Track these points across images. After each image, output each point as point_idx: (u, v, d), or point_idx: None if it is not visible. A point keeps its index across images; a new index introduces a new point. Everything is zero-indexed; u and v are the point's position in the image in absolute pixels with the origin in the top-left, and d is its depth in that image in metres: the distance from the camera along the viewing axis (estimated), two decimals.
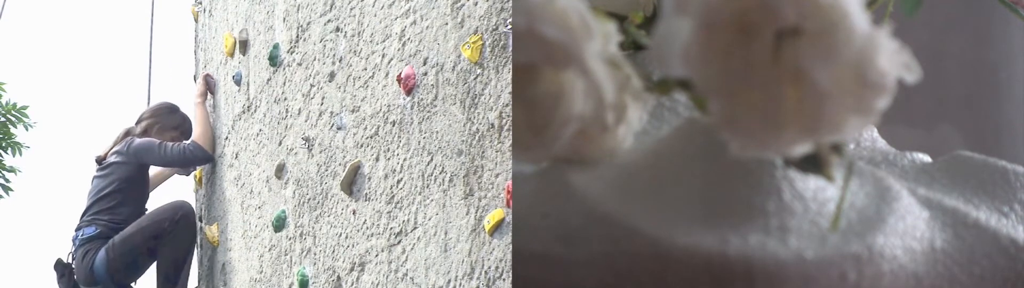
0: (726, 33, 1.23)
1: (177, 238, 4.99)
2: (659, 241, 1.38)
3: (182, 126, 5.26)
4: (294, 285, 3.69)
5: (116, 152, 5.08)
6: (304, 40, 3.69)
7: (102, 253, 4.94)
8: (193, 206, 5.12)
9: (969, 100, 2.66)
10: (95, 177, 5.11)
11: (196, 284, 5.11)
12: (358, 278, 3.21)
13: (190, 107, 5.16)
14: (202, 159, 4.96)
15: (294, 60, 3.78)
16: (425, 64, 2.85)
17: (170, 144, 5.00)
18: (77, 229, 5.06)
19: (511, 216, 2.35)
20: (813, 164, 1.36)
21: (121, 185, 5.04)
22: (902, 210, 1.45)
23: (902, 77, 1.24)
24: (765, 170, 1.41)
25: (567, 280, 1.41)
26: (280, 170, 3.91)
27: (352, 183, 3.27)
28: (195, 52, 5.41)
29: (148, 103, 6.31)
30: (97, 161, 5.13)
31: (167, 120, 5.25)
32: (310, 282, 3.58)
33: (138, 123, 5.26)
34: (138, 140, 5.06)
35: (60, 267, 5.07)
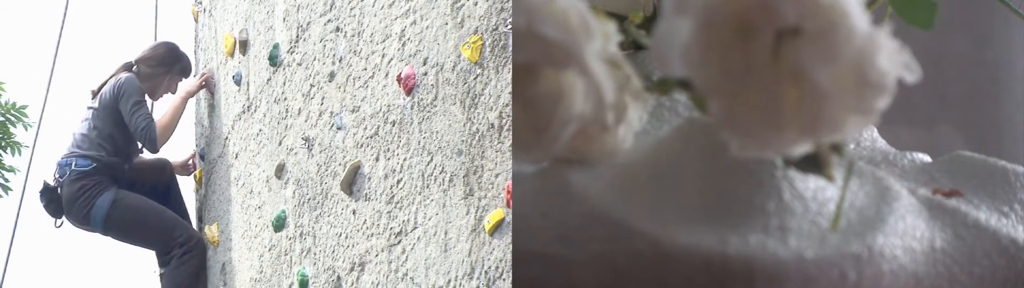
0: (726, 33, 1.23)
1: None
2: (659, 241, 1.38)
3: (176, 64, 5.19)
4: (294, 285, 3.69)
5: (108, 87, 5.02)
6: (304, 40, 3.69)
7: (105, 201, 4.90)
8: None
9: (969, 100, 2.65)
10: (88, 107, 5.05)
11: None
12: (358, 278, 3.21)
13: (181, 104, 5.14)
14: (147, 141, 4.94)
15: (294, 60, 3.78)
16: (425, 64, 2.84)
17: (144, 109, 4.96)
18: (65, 157, 4.97)
19: (511, 216, 2.35)
20: (813, 164, 1.36)
21: (113, 123, 4.98)
22: (902, 210, 1.45)
23: (902, 77, 1.24)
24: (765, 170, 1.41)
25: (567, 280, 1.41)
26: (280, 170, 3.91)
27: (352, 183, 3.27)
28: (195, 52, 5.41)
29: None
30: (93, 94, 5.07)
31: (162, 56, 5.18)
32: (310, 282, 3.58)
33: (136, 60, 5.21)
34: (125, 80, 5.01)
35: (47, 193, 4.99)
